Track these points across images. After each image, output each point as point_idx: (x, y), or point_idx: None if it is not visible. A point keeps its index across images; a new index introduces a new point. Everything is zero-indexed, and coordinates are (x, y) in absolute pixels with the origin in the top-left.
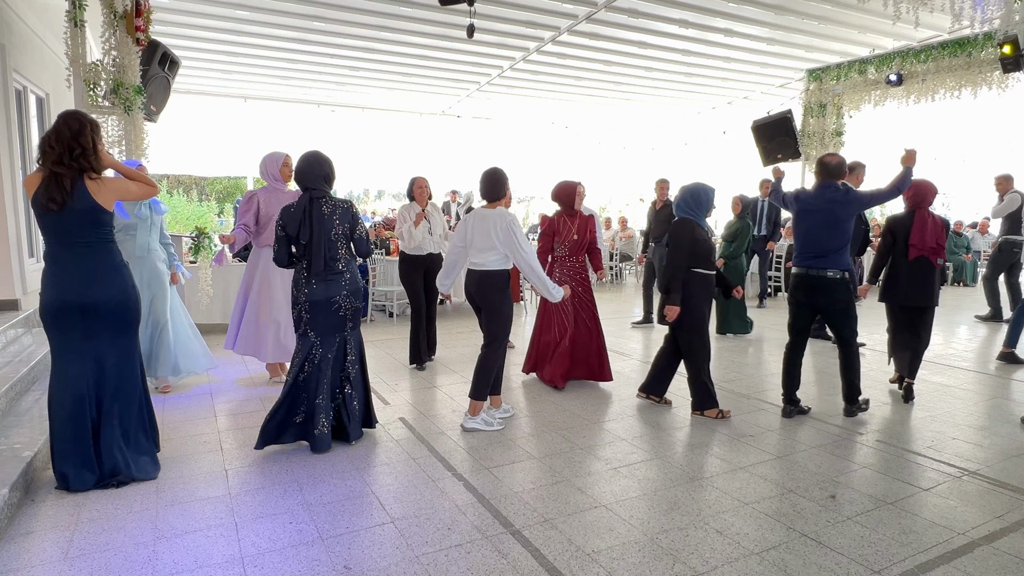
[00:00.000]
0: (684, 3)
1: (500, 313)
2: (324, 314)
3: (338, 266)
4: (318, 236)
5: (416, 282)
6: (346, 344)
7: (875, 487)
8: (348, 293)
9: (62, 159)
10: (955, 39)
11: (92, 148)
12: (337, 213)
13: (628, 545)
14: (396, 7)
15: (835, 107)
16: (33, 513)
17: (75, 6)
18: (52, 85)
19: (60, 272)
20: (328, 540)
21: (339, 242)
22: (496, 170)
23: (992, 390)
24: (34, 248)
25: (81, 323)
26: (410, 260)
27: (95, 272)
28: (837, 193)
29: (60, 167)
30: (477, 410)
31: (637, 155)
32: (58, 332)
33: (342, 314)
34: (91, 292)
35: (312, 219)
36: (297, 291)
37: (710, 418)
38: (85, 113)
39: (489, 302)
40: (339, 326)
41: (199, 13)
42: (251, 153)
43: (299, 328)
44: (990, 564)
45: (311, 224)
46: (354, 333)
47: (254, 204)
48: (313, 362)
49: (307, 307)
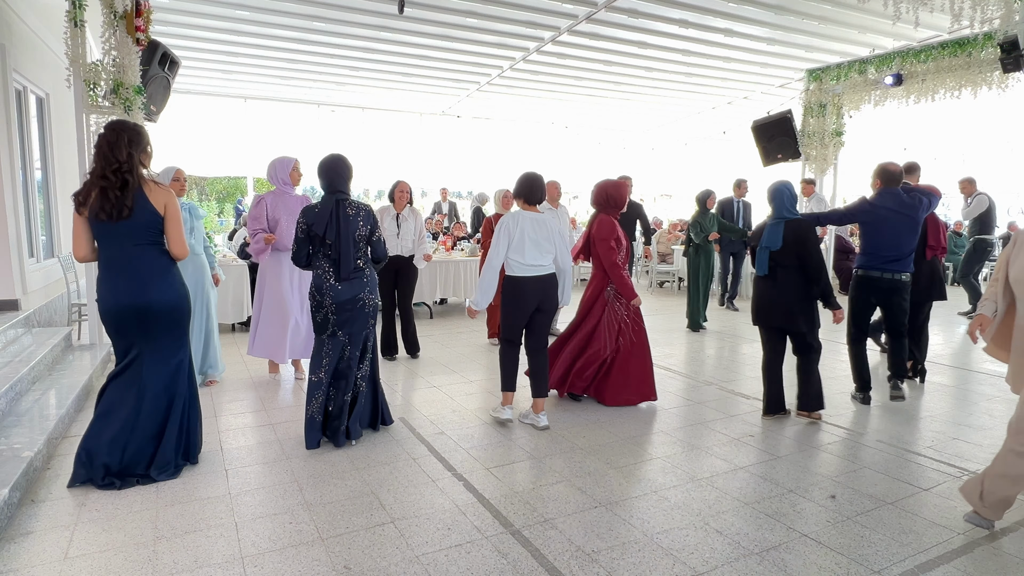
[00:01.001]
0: (684, 3)
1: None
2: (352, 313)
3: (360, 264)
4: (345, 237)
5: (385, 283)
6: (366, 342)
7: (875, 487)
8: (370, 290)
9: (119, 170)
10: (955, 39)
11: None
12: (361, 215)
13: (628, 545)
14: (396, 7)
15: (835, 107)
16: (33, 513)
17: (75, 6)
18: (52, 85)
19: (115, 277)
20: (328, 540)
21: (362, 243)
22: (538, 174)
23: (992, 390)
24: (34, 248)
25: (137, 325)
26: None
27: (148, 275)
28: (915, 199)
29: (117, 178)
30: (540, 407)
31: (637, 155)
32: (116, 334)
33: (367, 311)
34: (145, 295)
35: (339, 220)
36: (321, 295)
37: (815, 420)
38: (125, 122)
39: (555, 304)
40: (366, 323)
41: (199, 13)
42: (251, 153)
43: (326, 330)
44: (990, 564)
45: (338, 225)
46: (373, 331)
47: (263, 208)
48: (345, 360)
49: (333, 309)
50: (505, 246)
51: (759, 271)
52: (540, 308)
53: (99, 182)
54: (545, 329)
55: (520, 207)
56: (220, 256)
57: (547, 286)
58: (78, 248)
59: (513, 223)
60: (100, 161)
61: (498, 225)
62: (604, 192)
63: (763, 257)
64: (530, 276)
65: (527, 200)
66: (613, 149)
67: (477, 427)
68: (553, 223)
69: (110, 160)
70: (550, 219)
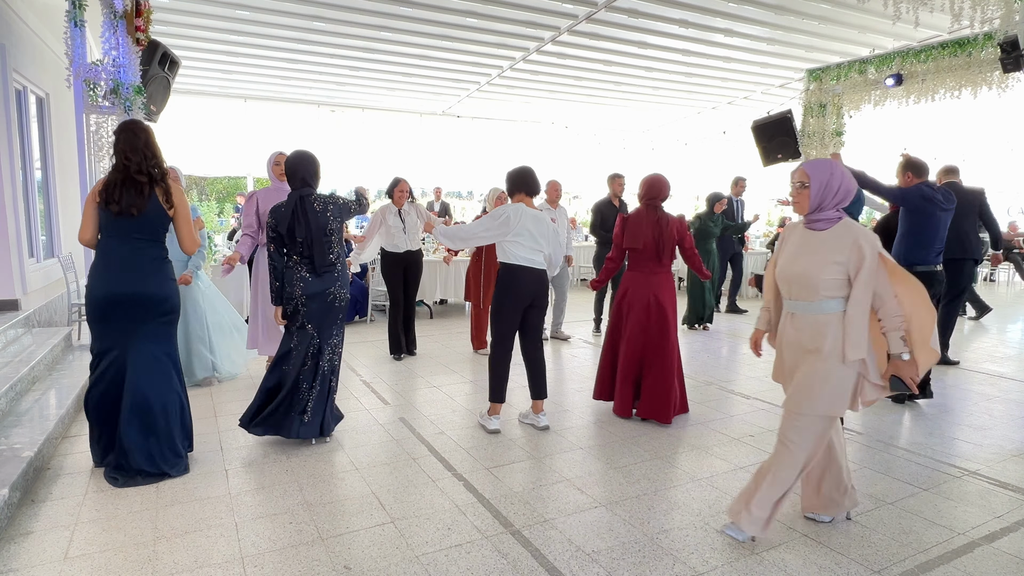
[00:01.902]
0: (684, 3)
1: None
2: (321, 306)
3: (332, 259)
4: (317, 232)
5: (395, 278)
6: (332, 339)
7: (875, 487)
8: (340, 284)
9: (141, 168)
10: (955, 39)
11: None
12: (330, 209)
13: (628, 545)
14: (396, 7)
15: (835, 107)
16: (33, 513)
17: (75, 6)
18: (52, 85)
19: (112, 267)
20: (328, 540)
21: (333, 236)
22: (528, 166)
23: (992, 390)
24: (34, 248)
25: (125, 314)
26: (389, 257)
27: (148, 269)
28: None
29: (140, 175)
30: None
31: (637, 155)
32: (101, 323)
33: (338, 305)
34: (142, 285)
35: (307, 215)
36: (291, 287)
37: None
38: (141, 122)
39: (546, 302)
40: (336, 318)
41: (199, 13)
42: (251, 153)
43: (296, 322)
44: (990, 564)
45: (306, 220)
46: (341, 331)
47: (254, 204)
48: (312, 354)
49: (303, 300)
50: (497, 232)
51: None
52: (534, 304)
53: (123, 175)
54: (539, 329)
55: (519, 202)
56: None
57: (542, 281)
58: (85, 231)
59: (515, 214)
60: (135, 157)
61: (500, 209)
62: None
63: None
64: (528, 267)
65: (527, 193)
66: (613, 149)
67: (477, 427)
68: (550, 222)
69: (148, 157)
70: (547, 217)
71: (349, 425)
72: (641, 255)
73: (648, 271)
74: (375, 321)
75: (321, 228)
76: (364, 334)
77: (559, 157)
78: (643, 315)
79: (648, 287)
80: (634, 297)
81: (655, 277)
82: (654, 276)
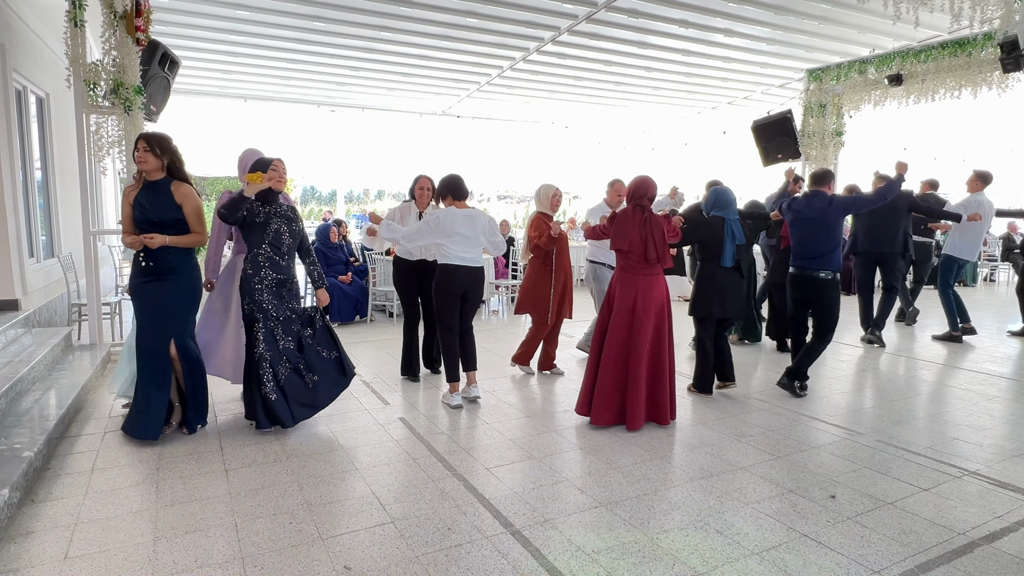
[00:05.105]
0: (684, 3)
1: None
2: (290, 289)
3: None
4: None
5: (408, 288)
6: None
7: (875, 487)
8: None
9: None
10: (955, 39)
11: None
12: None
13: (628, 545)
14: (396, 7)
15: (835, 107)
16: (33, 513)
17: (75, 6)
18: (52, 85)
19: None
20: (328, 540)
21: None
22: (457, 174)
23: (992, 390)
24: (34, 248)
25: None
26: (401, 265)
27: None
28: (823, 201)
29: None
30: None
31: (637, 155)
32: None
33: (295, 292)
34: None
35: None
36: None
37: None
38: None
39: (481, 295)
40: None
41: (199, 13)
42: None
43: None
44: (990, 564)
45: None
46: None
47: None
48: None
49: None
50: (427, 236)
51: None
52: (466, 297)
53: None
54: (469, 316)
55: (450, 204)
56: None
57: (475, 278)
58: (126, 230)
59: (446, 217)
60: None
61: (432, 216)
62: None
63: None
64: (461, 266)
65: (455, 197)
66: (613, 149)
67: (477, 427)
68: (483, 220)
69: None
70: (480, 216)
71: (349, 425)
72: (629, 256)
73: (636, 272)
74: (375, 321)
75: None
76: (364, 334)
77: (559, 157)
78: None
79: (635, 288)
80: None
81: (644, 278)
82: (643, 277)
